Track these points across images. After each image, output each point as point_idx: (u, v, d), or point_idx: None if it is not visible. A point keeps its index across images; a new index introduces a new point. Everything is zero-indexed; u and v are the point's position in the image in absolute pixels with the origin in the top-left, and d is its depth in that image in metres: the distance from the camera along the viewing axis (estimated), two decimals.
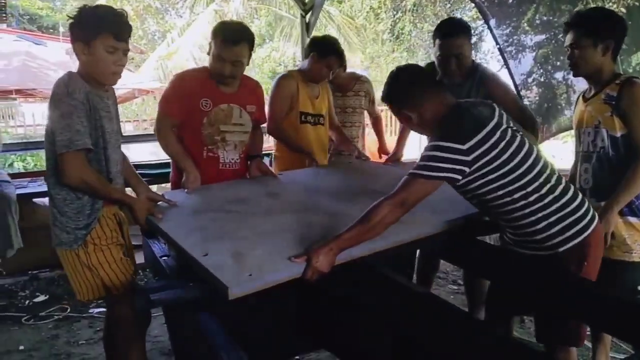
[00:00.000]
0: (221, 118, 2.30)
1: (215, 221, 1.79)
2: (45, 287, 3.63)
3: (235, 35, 2.16)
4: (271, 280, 1.40)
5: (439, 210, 1.91)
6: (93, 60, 1.72)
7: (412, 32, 11.15)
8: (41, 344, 2.83)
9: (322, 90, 2.88)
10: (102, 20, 1.70)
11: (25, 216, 3.44)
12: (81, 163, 1.71)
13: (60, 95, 1.67)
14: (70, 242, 1.81)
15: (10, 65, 8.29)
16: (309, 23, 4.01)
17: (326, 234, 1.60)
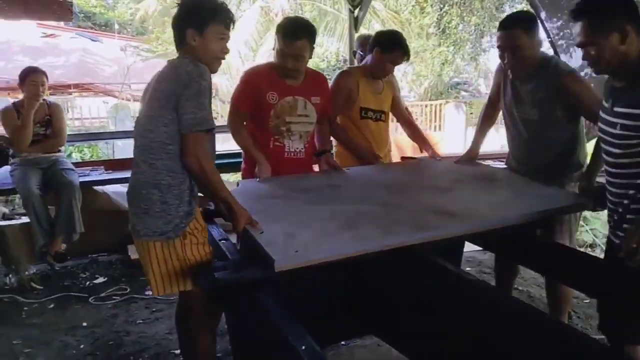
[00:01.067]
0: (287, 110, 2.43)
1: (277, 206, 1.95)
2: (103, 270, 3.84)
3: (296, 31, 2.28)
4: (315, 258, 1.53)
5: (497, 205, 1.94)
6: (204, 46, 1.75)
7: (458, 26, 10.97)
8: (102, 322, 3.01)
9: (386, 87, 2.91)
10: (215, 9, 1.77)
11: (87, 203, 3.66)
12: (205, 145, 1.70)
13: (192, 74, 1.65)
14: (168, 231, 1.73)
15: (68, 61, 8.72)
16: (357, 18, 4.05)
17: (372, 220, 1.74)
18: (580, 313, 2.96)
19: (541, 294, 3.15)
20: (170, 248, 1.75)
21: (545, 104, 2.26)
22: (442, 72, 12.13)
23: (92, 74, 8.44)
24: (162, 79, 1.75)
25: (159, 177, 1.71)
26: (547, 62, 2.28)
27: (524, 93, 2.34)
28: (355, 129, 2.84)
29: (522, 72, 2.30)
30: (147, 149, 1.73)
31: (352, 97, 2.79)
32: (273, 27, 13.34)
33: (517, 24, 2.25)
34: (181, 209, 1.74)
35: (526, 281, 3.39)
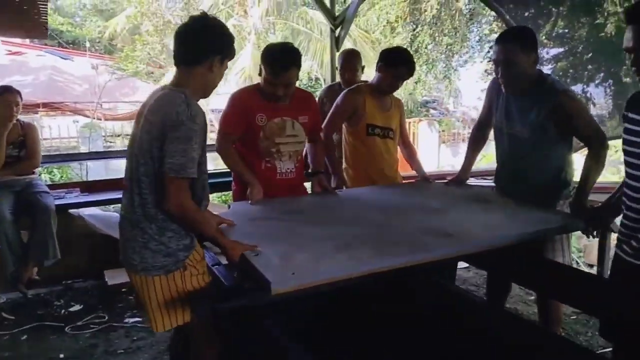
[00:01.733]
0: (275, 131, 2.43)
1: (271, 228, 1.93)
2: (79, 296, 3.68)
3: (283, 61, 2.28)
4: (312, 280, 1.50)
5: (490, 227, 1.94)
6: (216, 76, 1.74)
7: (429, 46, 11.21)
8: (80, 353, 2.86)
9: (394, 104, 2.93)
10: (233, 41, 1.77)
11: (62, 227, 3.51)
12: (186, 191, 1.62)
13: (182, 116, 1.58)
14: (168, 265, 1.68)
15: (37, 79, 8.51)
16: (338, 37, 4.06)
17: (368, 242, 1.74)
18: (569, 329, 2.99)
19: (528, 311, 3.18)
20: (169, 282, 1.69)
21: (537, 121, 2.24)
22: (414, 91, 12.34)
23: (62, 93, 8.22)
24: (154, 110, 1.67)
25: (153, 212, 1.67)
26: (542, 79, 2.27)
27: (517, 110, 2.33)
28: (362, 146, 2.85)
29: (516, 87, 2.28)
30: (138, 183, 1.68)
31: (358, 114, 2.81)
32: (245, 45, 13.39)
33: (514, 39, 2.23)
34: (181, 242, 1.71)
35: (512, 298, 3.40)
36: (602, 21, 4.39)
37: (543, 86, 2.25)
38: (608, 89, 4.69)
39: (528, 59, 2.20)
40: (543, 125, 2.24)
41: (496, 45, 2.27)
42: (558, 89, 2.23)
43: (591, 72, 4.76)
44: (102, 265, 3.87)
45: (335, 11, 4.13)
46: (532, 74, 2.25)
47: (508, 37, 2.26)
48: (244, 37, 13.53)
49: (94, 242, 3.96)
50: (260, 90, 2.42)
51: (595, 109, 4.65)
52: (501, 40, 2.25)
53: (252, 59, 13.21)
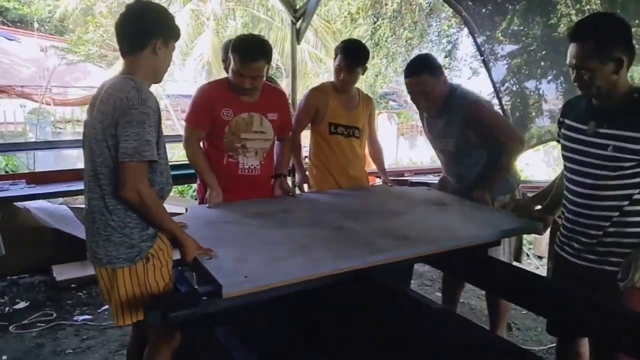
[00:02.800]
0: (242, 127, 2.38)
1: (228, 231, 1.89)
2: (25, 293, 3.53)
3: (252, 52, 2.23)
4: (264, 283, 1.48)
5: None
6: (164, 58, 1.72)
7: (389, 39, 11.26)
8: (26, 354, 2.75)
9: (362, 103, 2.85)
10: (175, 24, 1.75)
11: (7, 220, 3.34)
12: (142, 175, 1.58)
13: (132, 101, 1.56)
14: (132, 257, 1.65)
15: None
16: (299, 30, 4.00)
17: (325, 244, 1.74)
18: (520, 324, 3.09)
19: (481, 306, 3.26)
20: (132, 273, 1.66)
21: (456, 134, 2.39)
22: (375, 83, 12.39)
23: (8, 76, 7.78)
24: (105, 99, 1.62)
25: (114, 202, 1.63)
26: (451, 94, 2.41)
27: (437, 127, 2.49)
28: (325, 145, 2.80)
29: (436, 109, 2.43)
30: (96, 174, 1.64)
31: (321, 113, 2.76)
32: (204, 30, 13.10)
33: (423, 69, 2.36)
34: (144, 232, 1.67)
35: (466, 293, 3.48)
36: (556, 21, 4.52)
37: (452, 100, 2.39)
38: (560, 86, 4.84)
39: (438, 82, 2.36)
40: (462, 135, 2.38)
41: (408, 79, 2.39)
42: (468, 99, 2.38)
43: (544, 69, 4.91)
44: (50, 260, 3.73)
45: (297, 3, 4.05)
46: (444, 94, 2.39)
47: (417, 70, 2.37)
48: (203, 23, 13.23)
49: (42, 236, 3.79)
50: (230, 83, 2.37)
51: (547, 104, 4.81)
52: (411, 75, 2.38)
53: (211, 45, 12.94)
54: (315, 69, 14.80)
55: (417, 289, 3.56)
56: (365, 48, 2.77)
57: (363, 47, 2.77)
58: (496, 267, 2.17)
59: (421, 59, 2.49)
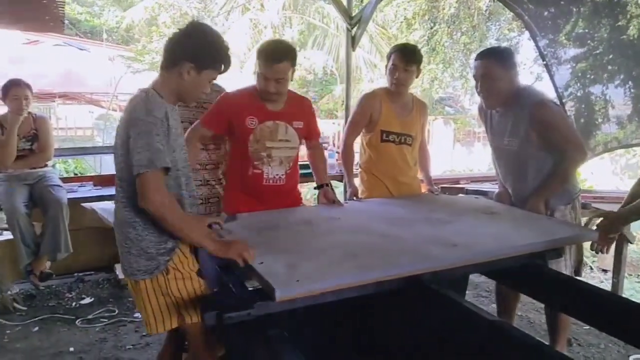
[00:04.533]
0: (267, 135, 2.34)
1: (278, 238, 1.91)
2: (90, 289, 3.72)
3: (276, 53, 2.21)
4: (317, 288, 1.49)
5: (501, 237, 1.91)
6: (193, 84, 1.71)
7: (445, 44, 11.08)
8: (90, 347, 2.89)
9: (416, 109, 2.80)
10: (222, 56, 1.73)
11: (74, 220, 3.54)
12: (158, 185, 1.59)
13: (138, 113, 1.60)
14: (151, 269, 1.68)
15: (54, 70, 8.56)
16: (354, 37, 4.02)
17: (373, 251, 1.73)
18: (581, 340, 2.94)
19: (540, 320, 3.13)
20: (154, 285, 1.70)
21: (521, 134, 2.30)
22: (431, 89, 12.22)
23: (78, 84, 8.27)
24: (124, 113, 1.68)
25: (132, 215, 1.66)
26: (520, 92, 2.33)
27: (501, 125, 2.40)
28: (376, 152, 2.79)
29: (495, 102, 2.36)
30: (118, 187, 1.69)
31: (374, 120, 2.74)
32: (262, 39, 13.37)
33: (492, 55, 2.34)
34: (162, 246, 1.69)
35: (525, 306, 3.36)
36: (625, 23, 4.30)
37: (521, 99, 2.31)
38: (628, 91, 4.60)
39: (506, 74, 2.29)
40: (527, 136, 2.29)
41: (475, 61, 2.36)
42: (534, 100, 2.28)
43: (611, 73, 4.68)
44: (113, 258, 3.90)
45: (352, 10, 4.07)
46: (511, 90, 2.31)
47: (486, 53, 2.37)
48: (260, 31, 13.51)
49: (106, 236, 3.94)
50: (255, 92, 2.35)
51: (614, 110, 4.59)
52: (479, 57, 2.36)
53: None
54: (369, 74, 14.77)
55: (472, 299, 3.47)
56: (418, 49, 2.77)
57: (417, 48, 2.77)
58: (556, 279, 2.09)
59: (495, 47, 2.50)
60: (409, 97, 2.81)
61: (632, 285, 4.29)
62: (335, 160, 4.32)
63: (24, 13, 3.65)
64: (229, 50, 1.76)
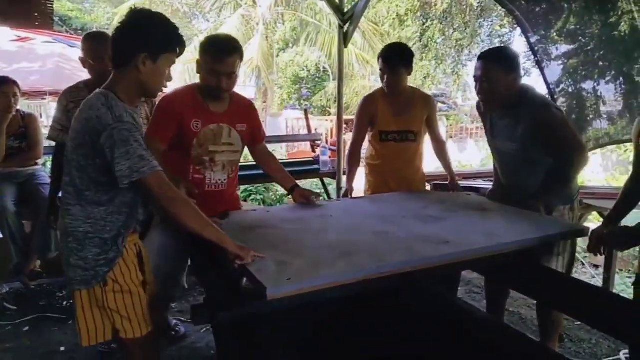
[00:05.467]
0: (210, 138, 2.23)
1: (266, 237, 1.90)
2: None
3: (227, 47, 2.11)
4: (308, 286, 1.47)
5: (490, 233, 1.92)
6: (153, 74, 1.61)
7: (438, 40, 11.10)
8: (81, 347, 2.84)
9: (418, 104, 2.77)
10: (174, 37, 1.63)
11: None
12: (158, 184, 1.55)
13: (106, 121, 1.50)
14: (88, 279, 1.61)
15: (44, 67, 8.47)
16: (346, 33, 4.00)
17: (366, 249, 1.72)
18: (573, 336, 2.96)
19: (532, 316, 3.14)
20: (90, 296, 1.65)
21: (523, 138, 2.27)
22: (423, 85, 12.25)
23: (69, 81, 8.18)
24: (77, 117, 1.59)
25: (75, 225, 1.59)
26: (523, 95, 2.28)
27: (502, 127, 2.38)
28: (378, 150, 2.82)
29: (494, 104, 2.34)
30: (65, 192, 1.62)
31: (373, 121, 2.78)
32: (254, 35, 13.34)
33: (493, 57, 2.29)
34: (103, 257, 1.62)
35: (516, 302, 3.38)
36: (616, 19, 4.32)
37: (523, 102, 2.27)
38: (619, 87, 4.63)
39: (507, 77, 2.24)
40: (529, 139, 2.26)
41: (477, 62, 2.32)
42: (536, 103, 2.25)
43: (602, 69, 4.70)
44: None
45: (345, 6, 4.06)
46: (512, 93, 2.27)
47: (487, 55, 2.31)
48: (253, 28, 13.48)
49: None
50: (200, 90, 2.20)
51: (605, 106, 4.61)
52: (481, 58, 2.30)
53: (260, 49, 13.16)
54: (362, 71, 14.77)
55: (464, 296, 3.48)
56: (405, 48, 2.75)
57: (403, 48, 2.75)
58: (548, 275, 2.10)
59: (497, 48, 2.49)
60: (410, 93, 2.80)
61: (623, 280, 4.32)
62: (328, 157, 4.32)
63: (12, 9, 3.60)
64: (179, 30, 1.66)
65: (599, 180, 7.78)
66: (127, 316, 1.68)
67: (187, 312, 3.03)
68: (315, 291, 1.49)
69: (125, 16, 1.62)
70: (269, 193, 6.89)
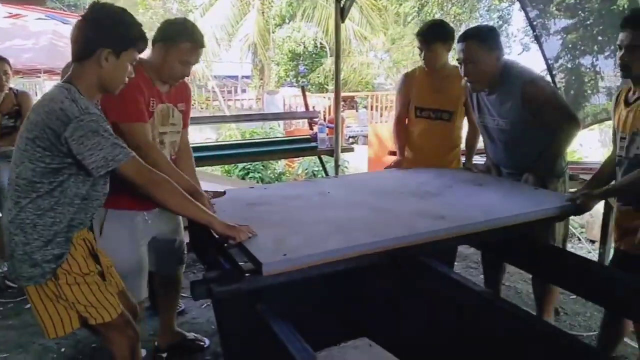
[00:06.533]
0: (161, 119, 2.12)
1: (266, 213, 1.91)
2: None
3: (202, 38, 2.06)
4: (305, 262, 1.49)
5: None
6: (115, 70, 1.60)
7: (436, 15, 10.97)
8: None
9: (456, 83, 2.61)
10: (138, 35, 1.63)
11: None
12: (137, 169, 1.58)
13: (72, 113, 1.48)
14: (35, 277, 1.57)
15: (38, 44, 8.38)
16: (343, 8, 3.95)
17: (362, 224, 1.74)
18: (568, 309, 3.00)
19: (528, 290, 3.18)
20: (45, 291, 1.60)
21: (512, 113, 2.28)
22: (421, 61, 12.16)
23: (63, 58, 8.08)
24: (36, 108, 1.56)
25: (23, 216, 1.56)
26: (507, 71, 2.29)
27: (490, 105, 2.37)
28: (413, 128, 2.83)
29: (481, 85, 2.33)
30: (13, 186, 1.58)
31: (410, 97, 2.78)
32: (250, 11, 13.16)
33: (473, 37, 2.28)
34: (49, 252, 1.58)
35: (512, 276, 3.42)
36: None
37: (509, 79, 2.27)
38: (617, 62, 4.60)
39: (489, 56, 2.24)
40: (519, 115, 2.27)
41: (458, 45, 2.31)
42: (525, 79, 2.25)
43: (601, 44, 4.66)
44: None
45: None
46: (496, 70, 2.27)
47: (467, 36, 2.30)
48: (248, 3, 13.30)
49: None
50: (149, 70, 2.04)
51: (603, 82, 4.59)
52: (460, 39, 2.29)
53: (256, 25, 13.02)
54: (360, 47, 14.62)
55: (461, 271, 3.51)
56: (442, 24, 2.75)
57: (439, 24, 2.77)
58: (543, 250, 2.12)
59: (475, 27, 2.47)
60: (450, 70, 2.70)
61: None
62: (326, 134, 4.31)
63: None
64: (142, 26, 1.65)
65: (597, 156, 7.79)
66: (90, 304, 1.64)
67: (187, 288, 3.06)
68: (311, 266, 1.50)
69: (88, 10, 1.62)
70: (267, 171, 6.88)
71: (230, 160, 4.95)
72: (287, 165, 7.34)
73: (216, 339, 2.58)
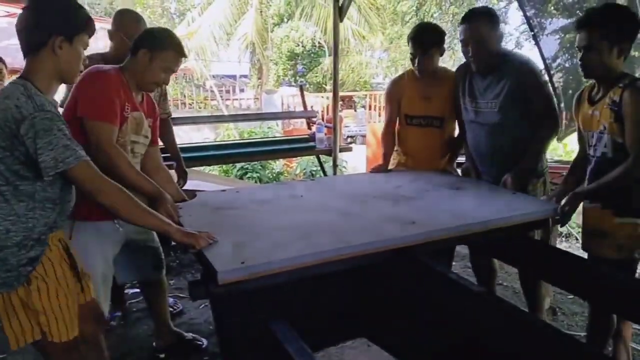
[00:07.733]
0: (134, 127, 2.04)
1: (232, 217, 1.89)
2: None
3: (183, 48, 2.08)
4: (261, 271, 1.45)
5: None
6: (70, 57, 1.54)
7: (435, 14, 10.98)
8: None
9: (446, 86, 2.61)
10: (87, 17, 1.58)
11: None
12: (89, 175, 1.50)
13: (27, 110, 1.41)
14: (9, 282, 1.48)
15: None
16: (342, 7, 3.95)
17: (329, 230, 1.71)
18: (565, 309, 3.01)
19: None
20: (13, 298, 1.51)
21: (504, 96, 2.28)
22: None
23: None
24: None
25: None
26: (505, 56, 2.33)
27: (483, 88, 2.37)
28: (403, 134, 2.78)
29: (486, 64, 2.33)
30: None
31: (400, 105, 2.72)
32: (248, 10, 13.14)
33: (481, 16, 2.30)
34: (23, 255, 1.49)
35: (510, 276, 3.42)
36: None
37: (506, 61, 2.31)
38: None
39: (495, 34, 2.29)
40: (509, 99, 2.27)
41: (463, 25, 2.31)
42: (522, 60, 2.31)
43: None
44: None
45: None
46: (498, 51, 2.32)
47: (474, 15, 2.31)
48: (246, 2, 13.28)
49: None
50: (128, 77, 2.01)
51: None
52: (468, 20, 2.30)
53: (254, 24, 13.00)
54: (358, 46, 14.63)
55: (459, 271, 3.50)
56: (435, 28, 2.68)
57: (432, 28, 2.68)
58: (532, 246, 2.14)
59: (476, 7, 2.52)
60: (442, 75, 2.67)
61: None
62: (324, 134, 4.30)
63: None
64: (83, 7, 1.61)
65: None
66: (54, 316, 1.54)
67: (185, 288, 3.05)
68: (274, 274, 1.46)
69: (27, 3, 1.55)
70: (265, 171, 6.86)
71: (228, 160, 4.95)
72: (286, 165, 7.33)
73: (214, 339, 2.58)
